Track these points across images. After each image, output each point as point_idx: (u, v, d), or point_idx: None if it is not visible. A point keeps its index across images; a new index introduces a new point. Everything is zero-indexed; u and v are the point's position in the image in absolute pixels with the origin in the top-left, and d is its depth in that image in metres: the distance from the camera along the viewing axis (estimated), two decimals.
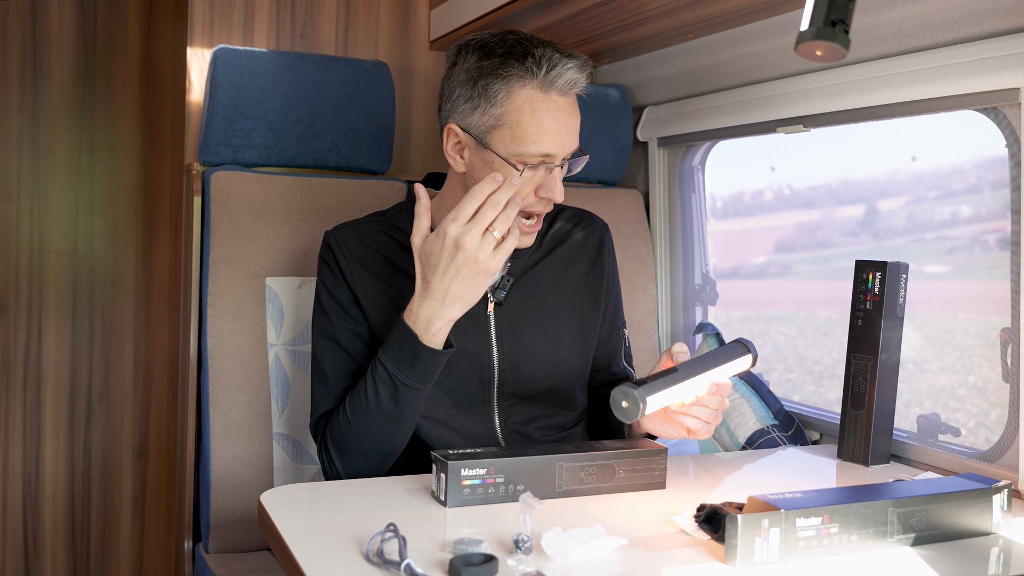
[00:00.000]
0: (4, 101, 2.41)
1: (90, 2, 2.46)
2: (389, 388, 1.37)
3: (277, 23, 2.13)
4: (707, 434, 1.36)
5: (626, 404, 1.27)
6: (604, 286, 1.63)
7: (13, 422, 2.43)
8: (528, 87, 1.38)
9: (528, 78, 1.38)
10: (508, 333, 1.52)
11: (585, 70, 1.41)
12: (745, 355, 1.41)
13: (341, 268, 1.52)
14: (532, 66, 1.37)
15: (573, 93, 1.42)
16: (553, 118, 1.38)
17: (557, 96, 1.39)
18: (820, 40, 1.02)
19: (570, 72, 1.39)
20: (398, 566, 0.99)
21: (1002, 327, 1.50)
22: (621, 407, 1.27)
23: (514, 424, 1.54)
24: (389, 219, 1.58)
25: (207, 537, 1.79)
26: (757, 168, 2.22)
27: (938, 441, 1.61)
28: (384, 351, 1.37)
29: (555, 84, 1.38)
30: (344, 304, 1.51)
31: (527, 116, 1.38)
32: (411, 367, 1.35)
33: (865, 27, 1.60)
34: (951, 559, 1.11)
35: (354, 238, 1.54)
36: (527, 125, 1.38)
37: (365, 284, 1.51)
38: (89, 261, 2.50)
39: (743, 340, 1.42)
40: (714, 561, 1.07)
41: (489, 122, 1.40)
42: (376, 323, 1.50)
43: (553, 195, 1.41)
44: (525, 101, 1.38)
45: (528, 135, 1.38)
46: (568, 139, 1.41)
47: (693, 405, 1.34)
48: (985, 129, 1.52)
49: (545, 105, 1.38)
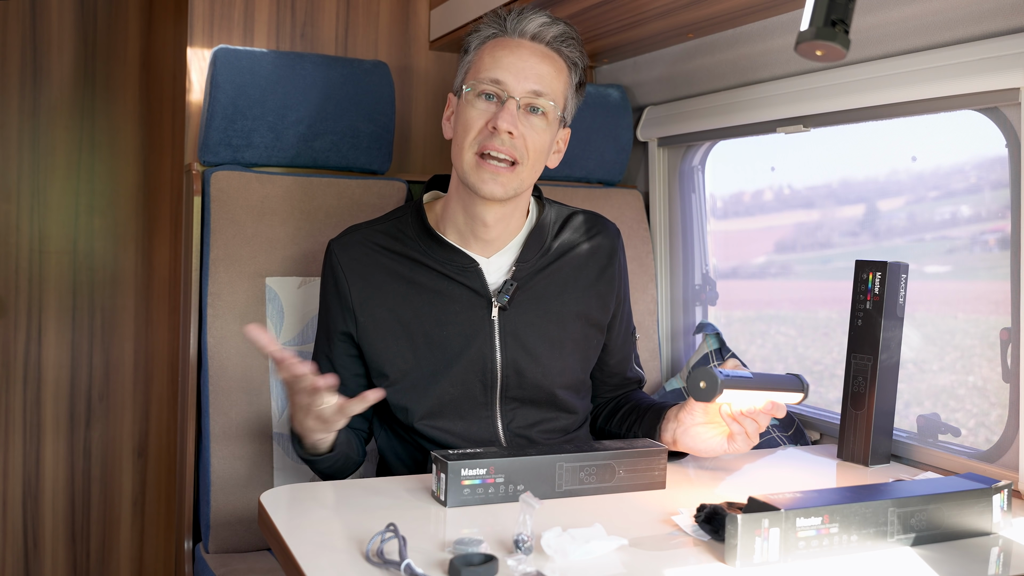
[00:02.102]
0: (4, 101, 2.41)
1: (90, 2, 2.46)
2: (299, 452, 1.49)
3: (277, 23, 2.13)
4: (746, 448, 1.41)
5: (704, 384, 1.31)
6: (615, 293, 1.62)
7: (13, 422, 2.43)
8: (496, 36, 1.48)
9: (497, 28, 1.48)
10: (512, 338, 1.51)
11: (558, 25, 1.47)
12: (799, 389, 1.45)
13: (339, 286, 1.54)
14: (503, 16, 1.47)
15: (542, 44, 1.47)
16: (510, 51, 1.45)
17: (522, 39, 1.47)
18: (820, 40, 1.02)
19: (539, 18, 1.46)
20: (398, 566, 0.99)
21: (1002, 327, 1.50)
22: (699, 387, 1.32)
23: (517, 427, 1.54)
24: (394, 222, 1.57)
25: (207, 537, 1.79)
26: (757, 168, 2.22)
27: (938, 441, 1.61)
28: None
29: (519, 28, 1.46)
30: (333, 331, 1.56)
31: (487, 52, 1.47)
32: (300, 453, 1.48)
33: (865, 27, 1.60)
34: (951, 559, 1.11)
35: (355, 247, 1.55)
36: (485, 58, 1.46)
37: (366, 300, 1.52)
38: (89, 261, 2.50)
39: (801, 377, 1.46)
40: (714, 561, 1.07)
41: (464, 71, 1.50)
42: (374, 336, 1.52)
43: (500, 122, 1.42)
44: (489, 44, 1.48)
45: (484, 64, 1.46)
46: (524, 73, 1.44)
47: (746, 416, 1.39)
48: (985, 129, 1.52)
49: (505, 43, 1.46)
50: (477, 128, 1.43)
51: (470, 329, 1.49)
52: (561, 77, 1.47)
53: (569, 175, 2.20)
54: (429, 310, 1.50)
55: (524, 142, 1.43)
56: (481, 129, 1.43)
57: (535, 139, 1.44)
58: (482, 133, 1.43)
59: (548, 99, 1.45)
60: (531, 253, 1.54)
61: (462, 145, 1.45)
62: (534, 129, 1.44)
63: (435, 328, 1.50)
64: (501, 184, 1.43)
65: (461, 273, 1.51)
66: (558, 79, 1.47)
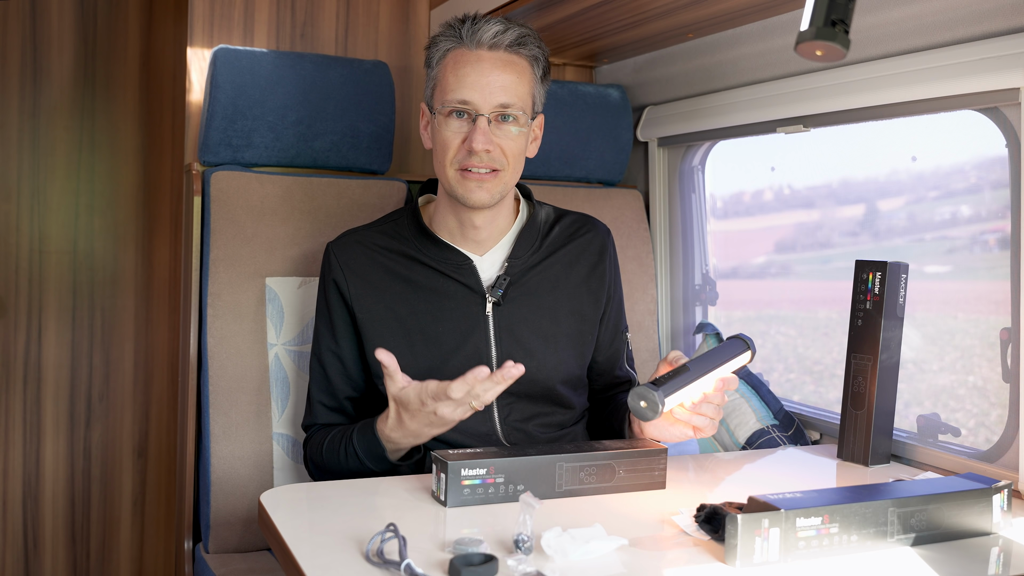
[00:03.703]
0: (4, 101, 2.41)
1: (90, 2, 2.46)
2: (357, 463, 1.47)
3: (277, 23, 2.13)
4: (712, 430, 1.38)
5: (644, 404, 1.29)
6: (605, 291, 1.64)
7: (13, 422, 2.43)
8: (456, 48, 1.49)
9: (456, 38, 1.49)
10: (507, 333, 1.54)
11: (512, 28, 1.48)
12: (745, 351, 1.42)
13: (339, 285, 1.56)
14: (459, 28, 1.49)
15: (500, 48, 1.48)
16: (473, 68, 1.47)
17: (482, 51, 1.48)
18: (820, 40, 1.02)
19: (493, 26, 1.47)
20: (398, 566, 0.99)
21: (1002, 327, 1.50)
22: (640, 407, 1.29)
23: (514, 421, 1.55)
24: (391, 224, 1.60)
25: (207, 537, 1.79)
26: (757, 168, 2.22)
27: (938, 441, 1.61)
28: (358, 439, 1.45)
29: (476, 38, 1.47)
30: (337, 329, 1.57)
31: (450, 69, 1.48)
32: (377, 463, 1.45)
33: (865, 27, 1.60)
34: (951, 559, 1.11)
35: (354, 248, 1.57)
36: (449, 77, 1.48)
37: (363, 296, 1.55)
38: (89, 261, 2.50)
39: (742, 336, 1.43)
40: (714, 561, 1.07)
41: (431, 87, 1.53)
42: (371, 333, 1.54)
43: (473, 143, 1.44)
44: (451, 58, 1.49)
45: (449, 85, 1.48)
46: (489, 90, 1.46)
47: (701, 403, 1.36)
48: (985, 129, 1.52)
49: (466, 58, 1.48)
50: (454, 147, 1.48)
51: (465, 325, 1.52)
52: (525, 78, 1.50)
53: (569, 175, 2.20)
54: (425, 307, 1.53)
55: (501, 151, 1.48)
56: (458, 148, 1.47)
57: (511, 145, 1.49)
58: (460, 152, 1.47)
59: (517, 108, 1.48)
60: (523, 250, 1.57)
61: (443, 163, 1.50)
62: (508, 136, 1.48)
63: (431, 324, 1.52)
64: (487, 191, 1.48)
65: (456, 270, 1.54)
66: (522, 82, 1.49)
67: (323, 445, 1.52)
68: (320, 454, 1.53)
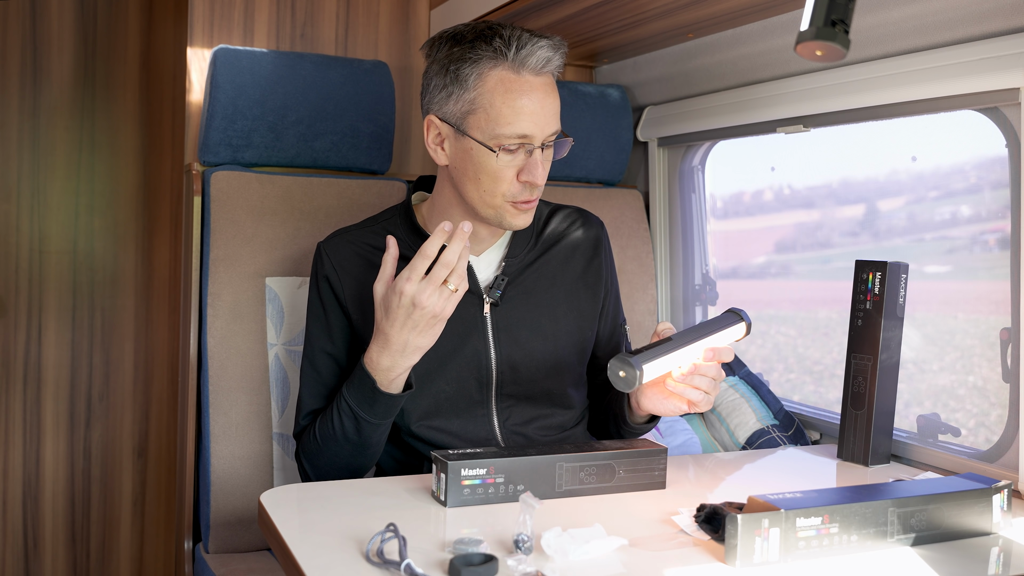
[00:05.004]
0: (4, 101, 2.41)
1: (90, 2, 2.46)
2: (352, 422, 1.40)
3: (277, 23, 2.13)
4: (707, 405, 1.35)
5: (623, 374, 1.26)
6: (602, 284, 1.62)
7: (13, 422, 2.43)
8: (499, 68, 1.37)
9: (499, 59, 1.36)
10: (505, 334, 1.52)
11: (559, 49, 1.40)
12: (739, 323, 1.39)
13: (331, 283, 1.51)
14: (501, 46, 1.36)
15: (547, 72, 1.40)
16: (528, 98, 1.37)
17: (530, 76, 1.38)
18: (820, 40, 1.02)
19: (541, 50, 1.37)
20: (398, 566, 0.99)
21: (1002, 327, 1.50)
22: (619, 377, 1.27)
23: (513, 425, 1.53)
24: (382, 224, 1.56)
25: (207, 537, 1.79)
26: (757, 168, 2.22)
27: (938, 441, 1.61)
28: (347, 388, 1.41)
29: (526, 63, 1.37)
30: (332, 330, 1.52)
31: (499, 98, 1.36)
32: (371, 407, 1.39)
33: (865, 27, 1.60)
34: (951, 559, 1.11)
35: (345, 248, 1.53)
36: (501, 107, 1.36)
37: (355, 295, 1.51)
38: (89, 261, 2.50)
39: (736, 309, 1.41)
40: (714, 561, 1.07)
41: (464, 108, 1.39)
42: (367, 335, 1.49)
43: (534, 178, 1.39)
44: (497, 83, 1.37)
45: (503, 117, 1.36)
46: (545, 120, 1.39)
47: (692, 375, 1.33)
48: (985, 129, 1.52)
49: (518, 85, 1.37)
50: (507, 180, 1.39)
51: (463, 327, 1.49)
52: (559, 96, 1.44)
53: (569, 175, 2.20)
54: None
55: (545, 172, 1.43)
56: (512, 181, 1.40)
57: (550, 163, 1.44)
58: (514, 186, 1.40)
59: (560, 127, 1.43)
60: (519, 248, 1.55)
61: (491, 193, 1.40)
62: (549, 158, 1.44)
63: None
64: (532, 215, 1.45)
65: None
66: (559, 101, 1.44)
67: (315, 428, 1.46)
68: (314, 439, 1.46)
